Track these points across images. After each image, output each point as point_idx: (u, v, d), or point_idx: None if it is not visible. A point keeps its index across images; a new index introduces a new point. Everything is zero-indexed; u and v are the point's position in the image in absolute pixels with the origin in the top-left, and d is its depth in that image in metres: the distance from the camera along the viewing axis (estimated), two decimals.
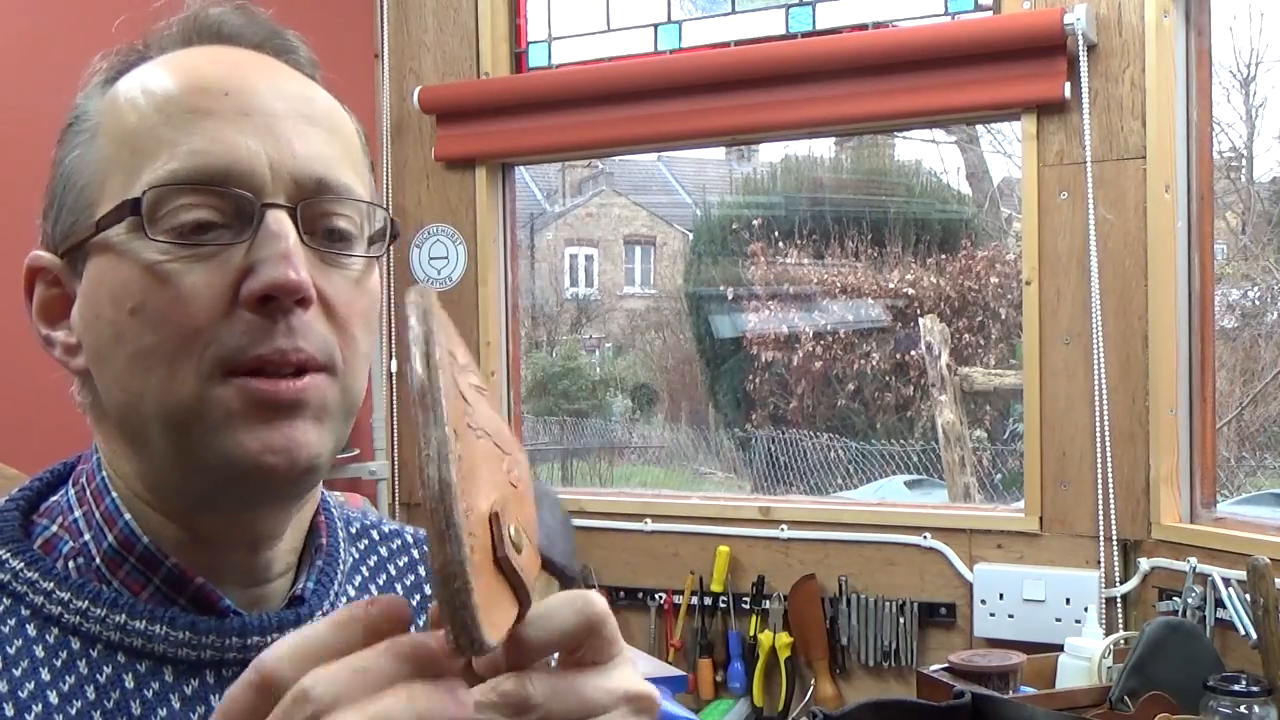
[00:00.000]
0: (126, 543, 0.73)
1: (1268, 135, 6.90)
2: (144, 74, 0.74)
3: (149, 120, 0.71)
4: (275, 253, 0.68)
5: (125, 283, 0.70)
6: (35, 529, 0.76)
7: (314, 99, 0.75)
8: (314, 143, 0.72)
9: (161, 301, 0.69)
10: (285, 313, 0.69)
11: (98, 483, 0.75)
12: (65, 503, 0.76)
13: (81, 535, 0.74)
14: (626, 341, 10.74)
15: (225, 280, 0.69)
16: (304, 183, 0.71)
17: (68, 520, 0.75)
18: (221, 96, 0.71)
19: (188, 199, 0.69)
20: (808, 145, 8.99)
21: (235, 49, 0.75)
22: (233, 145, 0.69)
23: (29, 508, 0.77)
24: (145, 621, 0.71)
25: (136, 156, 0.70)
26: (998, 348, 7.28)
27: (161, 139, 0.70)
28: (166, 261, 0.69)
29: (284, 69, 0.75)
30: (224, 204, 0.69)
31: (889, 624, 2.44)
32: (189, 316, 0.68)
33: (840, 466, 7.62)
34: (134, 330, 0.69)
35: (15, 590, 0.71)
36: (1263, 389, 5.97)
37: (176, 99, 0.71)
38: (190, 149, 0.69)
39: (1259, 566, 1.86)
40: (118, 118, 0.72)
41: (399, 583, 0.87)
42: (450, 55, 2.87)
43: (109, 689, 0.70)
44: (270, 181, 0.70)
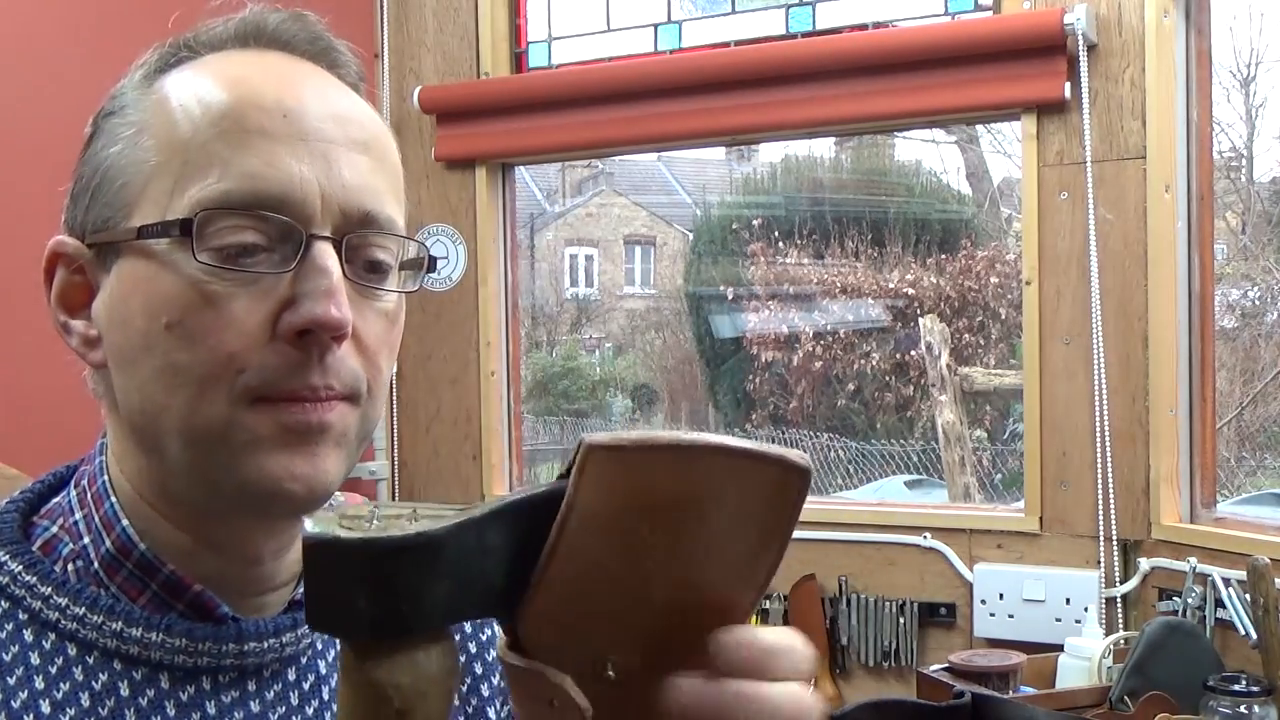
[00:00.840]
0: (124, 548, 0.72)
1: (1268, 135, 6.90)
2: (197, 78, 0.72)
3: (203, 133, 0.69)
4: (320, 288, 0.68)
5: (163, 295, 0.69)
6: (35, 530, 0.75)
7: (365, 124, 0.74)
8: (363, 173, 0.71)
9: (200, 322, 0.68)
10: (322, 347, 0.68)
11: (99, 486, 0.74)
12: (67, 504, 0.75)
13: (81, 538, 0.73)
14: (626, 341, 10.74)
15: (266, 309, 0.68)
16: (351, 214, 0.70)
17: (68, 522, 0.74)
18: (279, 117, 0.69)
19: (236, 221, 0.68)
20: (808, 145, 8.99)
21: (288, 57, 0.74)
22: (287, 171, 0.68)
23: (29, 509, 0.76)
24: (141, 629, 0.71)
25: (187, 168, 0.69)
26: (998, 348, 7.28)
27: (214, 155, 0.69)
28: (209, 283, 0.68)
29: (335, 85, 0.74)
30: (271, 229, 0.68)
31: (889, 624, 2.44)
32: (226, 341, 0.68)
33: (840, 466, 7.62)
34: (167, 344, 0.68)
35: (14, 594, 0.71)
36: (1263, 389, 5.97)
37: (233, 114, 0.69)
38: (244, 171, 0.68)
39: (1259, 566, 1.86)
40: (168, 121, 0.71)
41: None
42: (450, 55, 2.87)
43: (104, 696, 0.69)
44: (320, 212, 0.69)
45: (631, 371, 10.29)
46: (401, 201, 0.75)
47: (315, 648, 0.78)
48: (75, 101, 0.77)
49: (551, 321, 10.55)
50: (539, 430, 8.79)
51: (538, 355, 9.39)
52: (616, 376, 10.25)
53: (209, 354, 0.68)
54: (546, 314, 10.44)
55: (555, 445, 9.06)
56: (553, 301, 10.87)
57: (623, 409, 9.91)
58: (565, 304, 11.18)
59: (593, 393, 9.83)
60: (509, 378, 2.88)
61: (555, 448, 9.00)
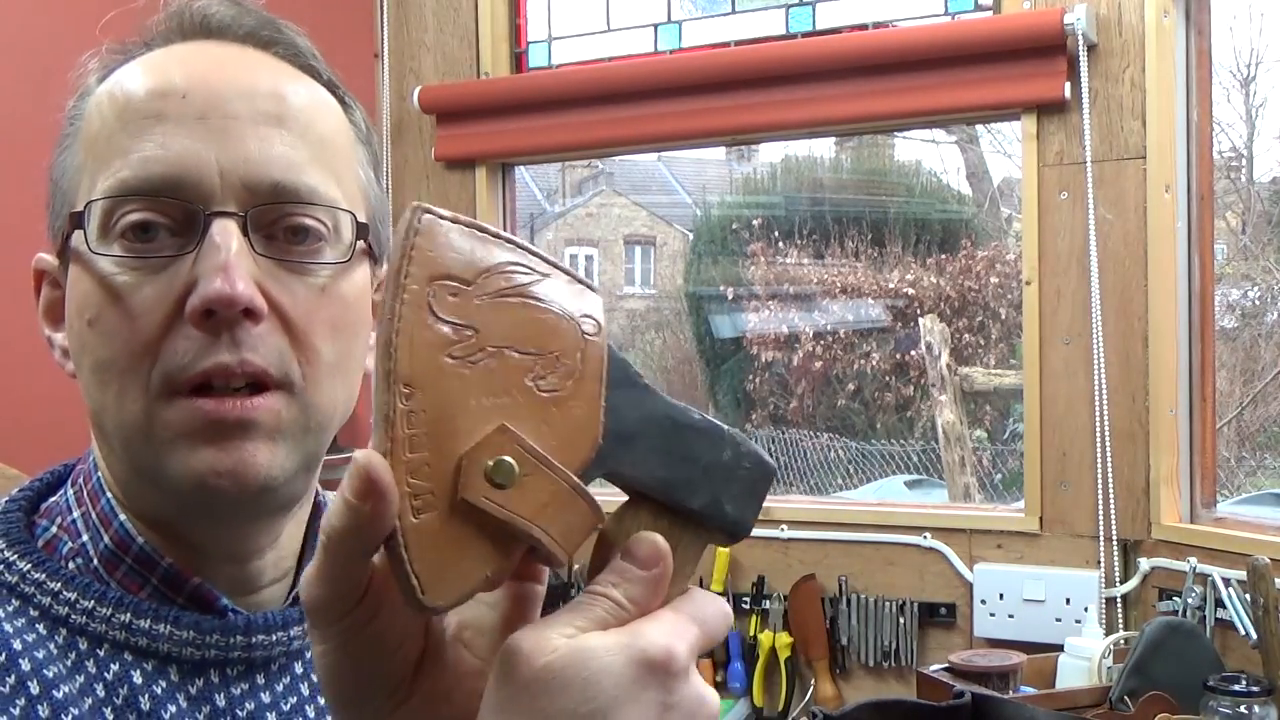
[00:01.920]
0: (122, 543, 0.72)
1: (1268, 135, 6.90)
2: (118, 76, 0.72)
3: (109, 126, 0.70)
4: (213, 265, 0.66)
5: (83, 294, 0.69)
6: (37, 529, 0.75)
7: (287, 96, 0.71)
8: (275, 145, 0.70)
9: (113, 315, 0.68)
10: (230, 326, 0.67)
11: (94, 483, 0.74)
12: (64, 503, 0.76)
13: (80, 536, 0.74)
14: (626, 341, 10.74)
15: (172, 294, 0.67)
16: (257, 188, 0.69)
17: (66, 521, 0.75)
18: (179, 100, 0.69)
19: (133, 207, 0.67)
20: (808, 145, 8.98)
21: (220, 44, 0.73)
22: (181, 152, 0.67)
23: (30, 508, 0.77)
24: (150, 620, 0.71)
25: (97, 163, 0.69)
26: (998, 348, 7.27)
27: (117, 146, 0.69)
28: (118, 274, 0.68)
29: (264, 63, 0.73)
30: (173, 212, 0.68)
31: (889, 624, 2.44)
32: (136, 331, 0.67)
33: (840, 466, 7.62)
34: (92, 342, 0.69)
35: (23, 591, 0.71)
36: (1263, 389, 5.97)
37: (136, 104, 0.69)
38: (141, 156, 0.67)
39: (1259, 566, 1.86)
40: (89, 122, 0.72)
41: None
42: (450, 55, 2.87)
43: (117, 686, 0.70)
44: (219, 189, 0.68)
45: None
46: (341, 173, 0.73)
47: None
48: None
49: None
50: None
51: None
52: None
53: (124, 346, 0.68)
54: None
55: None
56: None
57: None
58: None
59: None
60: None
61: None
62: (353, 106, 0.77)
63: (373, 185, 0.77)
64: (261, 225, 0.69)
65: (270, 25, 0.75)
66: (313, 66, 0.75)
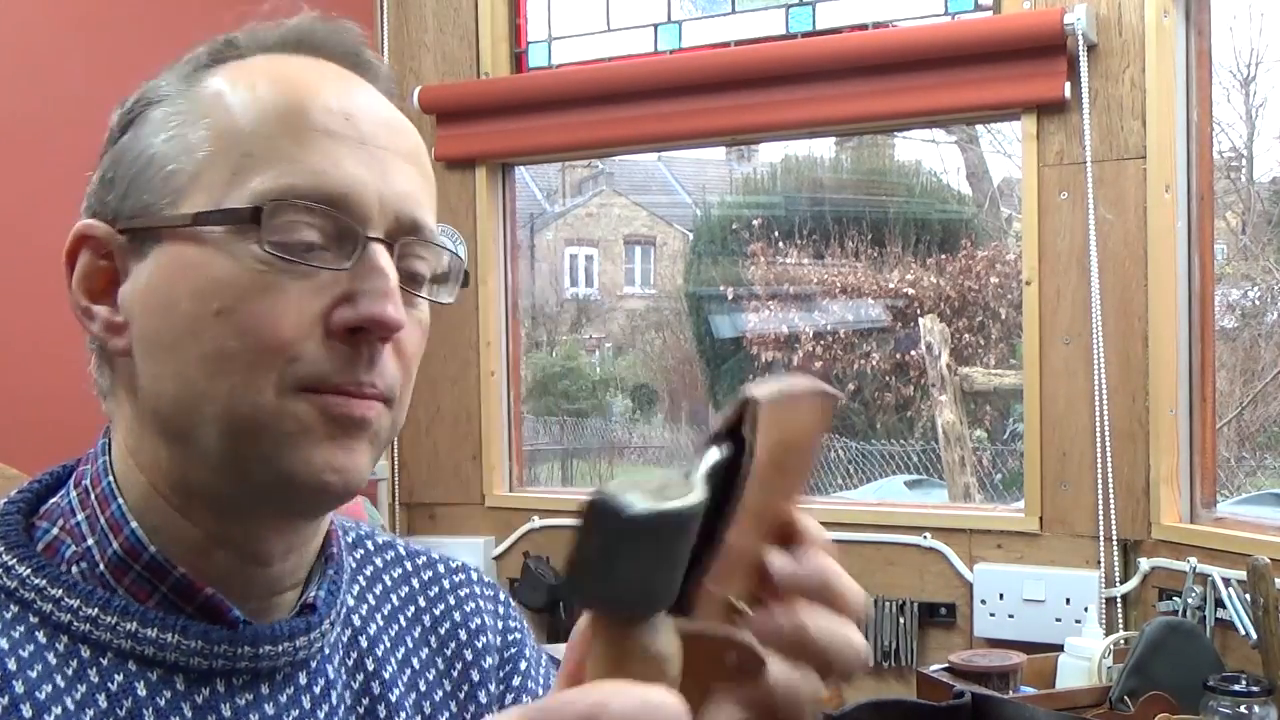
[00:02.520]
0: (132, 551, 0.71)
1: (1268, 135, 6.90)
2: (253, 75, 0.73)
3: (268, 128, 0.70)
4: (378, 288, 0.69)
5: (216, 281, 0.69)
6: (37, 532, 0.74)
7: (408, 134, 0.75)
8: (410, 181, 0.74)
9: (255, 309, 0.68)
10: (371, 347, 0.70)
11: (103, 487, 0.73)
12: (67, 505, 0.74)
13: (85, 540, 0.72)
14: (626, 341, 10.74)
15: (320, 303, 0.69)
16: (403, 221, 0.72)
17: (69, 523, 0.73)
18: (342, 119, 0.71)
19: (298, 215, 0.69)
20: (808, 145, 8.99)
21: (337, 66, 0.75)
22: (351, 172, 0.70)
23: (29, 510, 0.75)
24: (156, 630, 0.70)
25: (248, 159, 0.69)
26: (998, 348, 7.28)
27: (279, 149, 0.70)
28: (267, 271, 0.68)
29: (381, 96, 0.76)
30: (329, 227, 0.69)
31: (889, 624, 2.44)
32: (280, 329, 0.68)
33: (840, 466, 7.62)
34: (216, 330, 0.68)
35: (23, 597, 0.70)
36: (1263, 389, 5.97)
37: (297, 112, 0.71)
38: (311, 168, 0.69)
39: (1259, 566, 1.86)
40: (227, 115, 0.71)
41: (394, 594, 0.86)
42: (450, 55, 2.87)
43: (120, 697, 0.69)
44: (377, 215, 0.71)
45: (631, 371, 10.29)
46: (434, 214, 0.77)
47: (324, 652, 0.78)
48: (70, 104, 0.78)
49: (551, 321, 10.55)
50: (539, 430, 8.79)
51: (538, 355, 9.38)
52: (616, 376, 10.26)
53: (261, 341, 0.68)
54: (546, 314, 10.44)
55: (555, 445, 9.07)
56: (553, 301, 10.88)
57: (623, 409, 9.91)
58: (565, 304, 11.19)
59: (593, 393, 9.84)
60: (509, 378, 2.88)
61: (555, 448, 9.01)
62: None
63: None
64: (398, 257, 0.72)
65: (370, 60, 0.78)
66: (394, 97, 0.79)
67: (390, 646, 0.83)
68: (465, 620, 0.88)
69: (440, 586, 0.89)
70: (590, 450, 9.34)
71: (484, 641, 0.88)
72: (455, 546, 2.72)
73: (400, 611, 0.86)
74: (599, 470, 9.00)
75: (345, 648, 0.80)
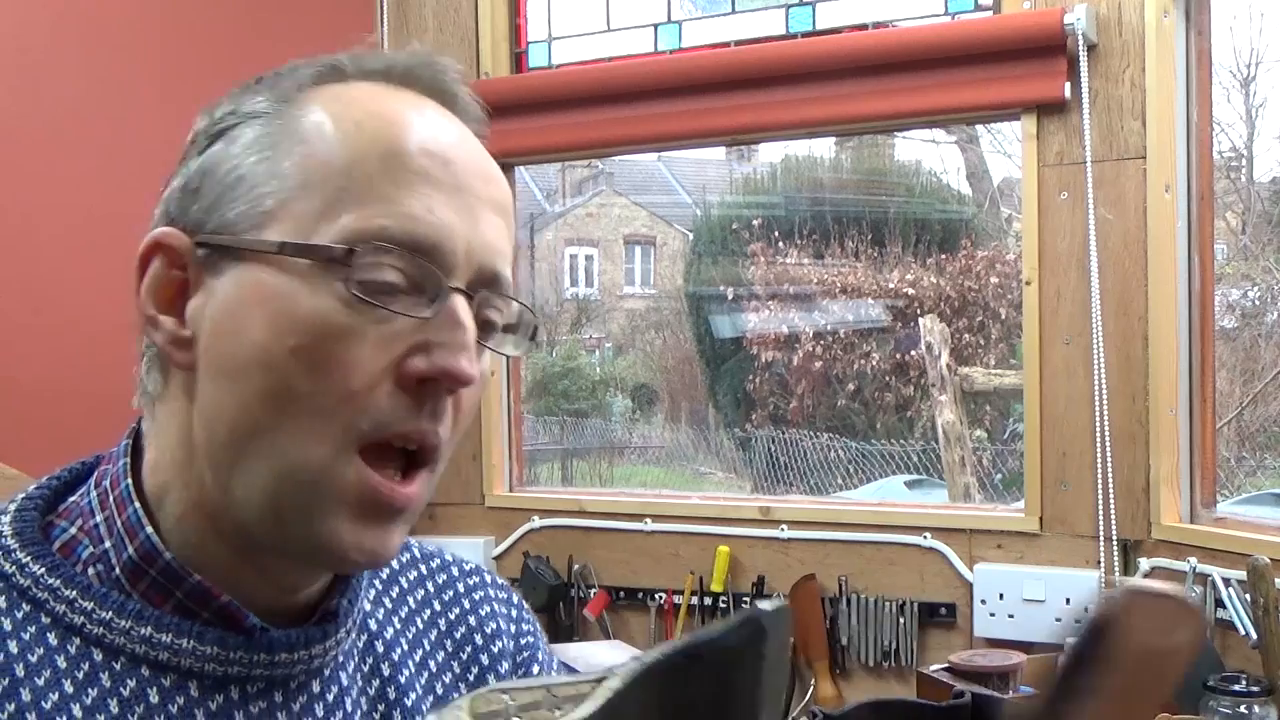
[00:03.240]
0: (147, 556, 0.70)
1: (1268, 135, 6.90)
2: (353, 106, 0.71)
3: (369, 165, 0.69)
4: (456, 341, 0.68)
5: (294, 317, 0.67)
6: (54, 531, 0.73)
7: (500, 184, 0.74)
8: (498, 234, 0.73)
9: (331, 352, 0.67)
10: (439, 399, 0.69)
11: (122, 489, 0.72)
12: (87, 505, 0.73)
13: (102, 542, 0.71)
14: (626, 341, 10.74)
15: (394, 352, 0.68)
16: (485, 273, 0.71)
17: (89, 524, 0.72)
18: (442, 164, 0.70)
19: (386, 259, 0.67)
20: (808, 145, 8.99)
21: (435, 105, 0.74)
22: (444, 220, 0.69)
23: (47, 507, 0.74)
24: (172, 635, 0.69)
25: (344, 194, 0.68)
26: (998, 348, 7.28)
27: (377, 189, 0.68)
28: (348, 314, 0.67)
29: (475, 141, 0.75)
30: (414, 272, 0.68)
31: (889, 624, 2.44)
32: (352, 378, 0.67)
33: (840, 466, 7.62)
34: (288, 366, 0.67)
35: (36, 597, 0.69)
36: (1263, 389, 5.97)
37: (399, 153, 0.69)
38: (406, 211, 0.68)
39: (1259, 566, 1.86)
40: (323, 144, 0.69)
41: (411, 596, 0.86)
42: (450, 55, 2.86)
43: (133, 703, 0.68)
44: (462, 265, 0.70)
45: (631, 371, 10.30)
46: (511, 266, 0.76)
47: (337, 660, 0.77)
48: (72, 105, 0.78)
49: (551, 321, 10.55)
50: (539, 430, 8.79)
51: (538, 355, 9.39)
52: (616, 376, 10.26)
53: (331, 387, 0.67)
54: (546, 314, 10.44)
55: (555, 445, 9.07)
56: (553, 301, 10.88)
57: (623, 409, 9.91)
58: (565, 304, 11.19)
59: (593, 393, 9.84)
60: (509, 378, 2.88)
61: (555, 448, 9.01)
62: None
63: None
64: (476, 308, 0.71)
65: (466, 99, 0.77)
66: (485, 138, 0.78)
67: (407, 650, 0.83)
68: (481, 624, 0.88)
69: (455, 590, 0.89)
70: (590, 450, 9.34)
71: (500, 646, 0.88)
72: (455, 546, 2.70)
73: (417, 614, 0.86)
74: (599, 470, 9.00)
75: (361, 652, 0.80)
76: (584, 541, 2.68)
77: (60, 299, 2.20)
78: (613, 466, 9.18)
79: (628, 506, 2.72)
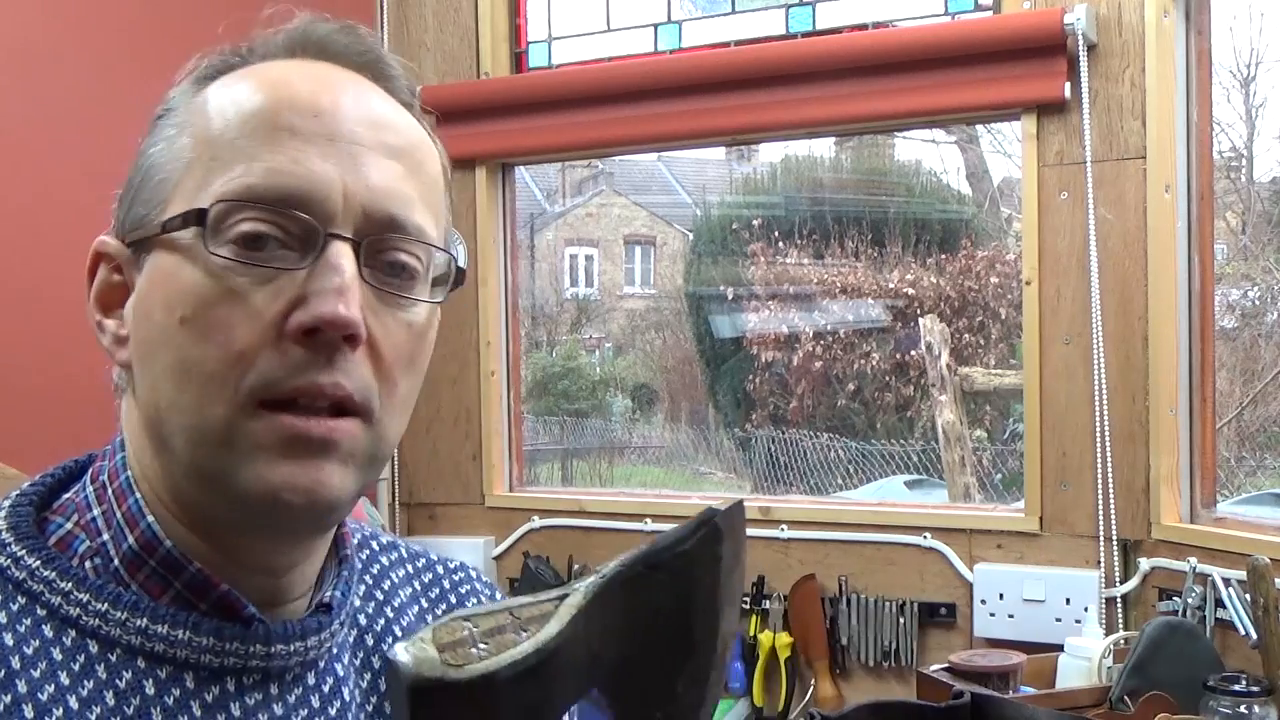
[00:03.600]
0: (148, 545, 0.71)
1: (1268, 135, 6.90)
2: (239, 81, 0.72)
3: (233, 129, 0.70)
4: (330, 286, 0.67)
5: (181, 289, 0.68)
6: (49, 526, 0.74)
7: (398, 130, 0.73)
8: (392, 178, 0.71)
9: (213, 317, 0.67)
10: (330, 348, 0.67)
11: (121, 482, 0.73)
12: (83, 500, 0.74)
13: (100, 535, 0.72)
14: (626, 341, 10.74)
15: (278, 307, 0.67)
16: (374, 217, 0.70)
17: (85, 518, 0.73)
18: (310, 117, 0.70)
19: (255, 214, 0.68)
20: (808, 145, 8.98)
21: (334, 67, 0.74)
22: (312, 169, 0.68)
23: (42, 504, 0.75)
24: (167, 626, 0.70)
25: (215, 162, 0.69)
26: (998, 348, 7.28)
27: (241, 150, 0.69)
28: (225, 277, 0.67)
29: (378, 94, 0.74)
30: (292, 226, 0.68)
31: (889, 624, 2.44)
32: (236, 338, 0.67)
33: (840, 466, 7.62)
34: (180, 340, 0.68)
35: (31, 589, 0.70)
36: (1263, 389, 5.97)
37: (264, 112, 0.70)
38: (269, 166, 0.68)
39: (1259, 566, 1.86)
40: (205, 120, 0.71)
41: (400, 592, 0.87)
42: (450, 55, 2.87)
43: (129, 694, 0.68)
44: (341, 212, 0.69)
45: (631, 371, 10.29)
46: (438, 215, 0.75)
47: (332, 651, 0.78)
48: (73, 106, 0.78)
49: (551, 321, 10.55)
50: (539, 430, 8.78)
51: (538, 355, 9.38)
52: (616, 376, 10.25)
53: (218, 350, 0.67)
54: (546, 314, 10.44)
55: (555, 445, 9.06)
56: (553, 301, 10.87)
57: (623, 409, 9.91)
58: (565, 304, 11.18)
59: (593, 393, 9.83)
60: (509, 378, 2.88)
61: (555, 448, 9.00)
62: (442, 151, 0.79)
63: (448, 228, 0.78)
64: (369, 255, 0.70)
65: (384, 61, 0.76)
66: (414, 105, 0.77)
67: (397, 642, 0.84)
68: None
69: (441, 587, 0.90)
70: (590, 450, 9.33)
71: None
72: (455, 546, 2.72)
73: (406, 608, 0.86)
74: (599, 470, 9.00)
75: (353, 646, 0.80)
76: (584, 541, 2.68)
77: (60, 300, 2.20)
78: (613, 466, 9.17)
79: (628, 506, 2.72)
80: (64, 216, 2.23)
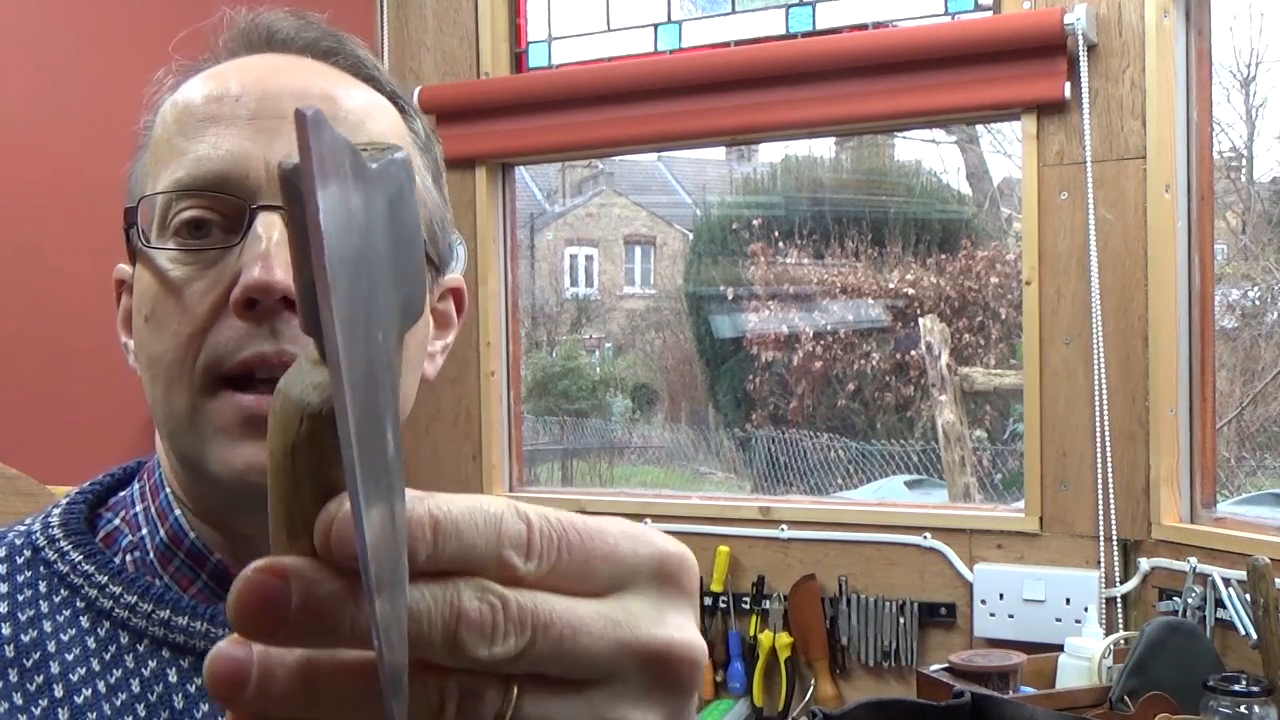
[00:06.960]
0: (176, 538, 0.75)
1: (1268, 135, 6.90)
2: (183, 88, 0.75)
3: (169, 131, 0.73)
4: (255, 254, 0.68)
5: (141, 292, 0.72)
6: (100, 521, 0.78)
7: (339, 99, 0.74)
8: None
9: (165, 309, 0.70)
10: (270, 316, 0.68)
11: (155, 478, 0.77)
12: (130, 497, 0.79)
13: (140, 529, 0.76)
14: (626, 341, 10.73)
15: (219, 287, 0.70)
16: None
17: (130, 514, 0.77)
18: (232, 102, 0.72)
19: (186, 204, 0.70)
20: (808, 145, 8.98)
21: (282, 55, 0.76)
22: (231, 149, 0.70)
23: (98, 501, 0.79)
24: (188, 618, 0.72)
25: (158, 166, 0.73)
26: (998, 348, 7.27)
27: (175, 148, 0.72)
28: (172, 269, 0.70)
29: (321, 70, 0.75)
30: (223, 208, 0.70)
31: (889, 624, 2.44)
32: (185, 324, 0.70)
33: (840, 466, 7.62)
34: (146, 338, 0.72)
35: (73, 582, 0.73)
36: (1263, 389, 5.97)
37: (194, 109, 0.72)
38: (194, 156, 0.71)
39: (1259, 566, 1.86)
40: (156, 131, 0.75)
41: None
42: (450, 55, 2.87)
43: (152, 683, 0.71)
44: (265, 184, 0.70)
45: (631, 371, 10.29)
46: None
47: None
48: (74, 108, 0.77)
49: (551, 321, 10.54)
50: (539, 430, 8.78)
51: (538, 355, 9.38)
52: (616, 376, 10.25)
53: (173, 339, 0.70)
54: (546, 314, 10.43)
55: (555, 445, 9.06)
56: (553, 301, 10.87)
57: (623, 409, 9.91)
58: (565, 304, 11.18)
59: (593, 393, 9.83)
60: (509, 378, 2.88)
61: (555, 448, 9.00)
62: (414, 116, 0.80)
63: (430, 193, 0.78)
64: None
65: (331, 37, 0.78)
66: (374, 77, 0.78)
67: None
68: None
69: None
70: (590, 450, 9.33)
71: None
72: None
73: None
74: (599, 470, 9.00)
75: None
76: None
77: (65, 303, 2.20)
78: (613, 466, 9.17)
79: (628, 506, 2.72)
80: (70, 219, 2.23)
